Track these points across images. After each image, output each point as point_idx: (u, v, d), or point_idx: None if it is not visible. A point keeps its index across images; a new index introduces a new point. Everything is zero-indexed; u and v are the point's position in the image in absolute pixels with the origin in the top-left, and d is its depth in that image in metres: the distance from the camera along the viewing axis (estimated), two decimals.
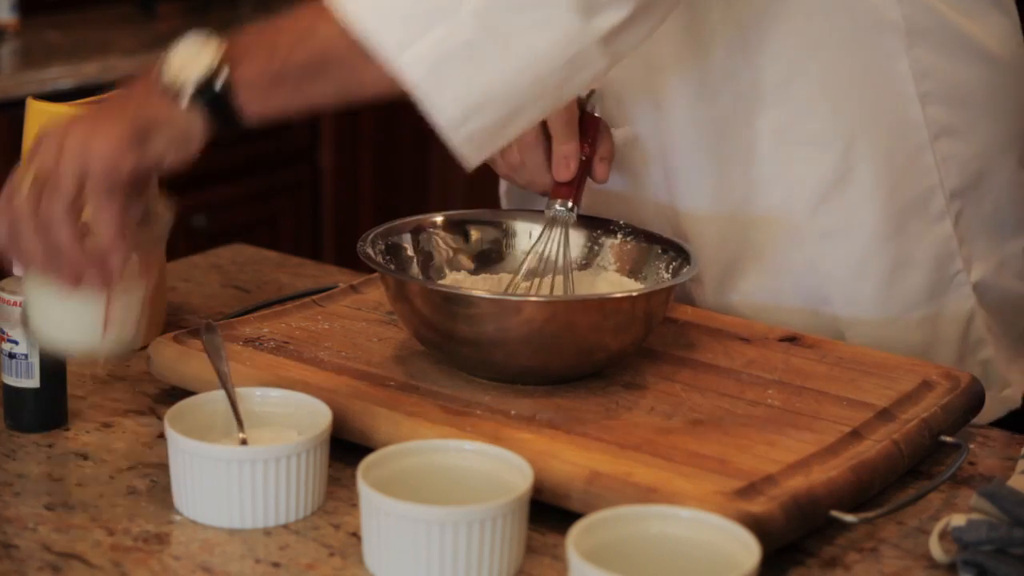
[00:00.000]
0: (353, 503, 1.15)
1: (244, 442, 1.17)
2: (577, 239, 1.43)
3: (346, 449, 1.22)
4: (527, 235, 1.43)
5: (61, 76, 2.87)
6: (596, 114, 1.39)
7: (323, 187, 3.51)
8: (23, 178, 1.12)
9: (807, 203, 1.43)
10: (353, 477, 1.17)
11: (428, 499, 1.06)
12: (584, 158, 1.37)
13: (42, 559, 1.08)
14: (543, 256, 1.38)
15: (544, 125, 1.37)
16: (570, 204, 1.37)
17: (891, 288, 1.45)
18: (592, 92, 1.40)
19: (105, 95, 1.45)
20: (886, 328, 1.46)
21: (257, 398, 1.21)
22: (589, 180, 1.39)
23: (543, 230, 1.38)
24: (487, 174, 1.47)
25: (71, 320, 1.16)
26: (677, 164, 1.46)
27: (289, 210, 3.44)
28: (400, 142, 3.68)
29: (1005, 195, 1.48)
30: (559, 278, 1.37)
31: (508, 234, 1.44)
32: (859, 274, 1.45)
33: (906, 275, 1.45)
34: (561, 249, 1.38)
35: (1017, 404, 1.53)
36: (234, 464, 1.11)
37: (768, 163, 1.43)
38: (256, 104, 1.15)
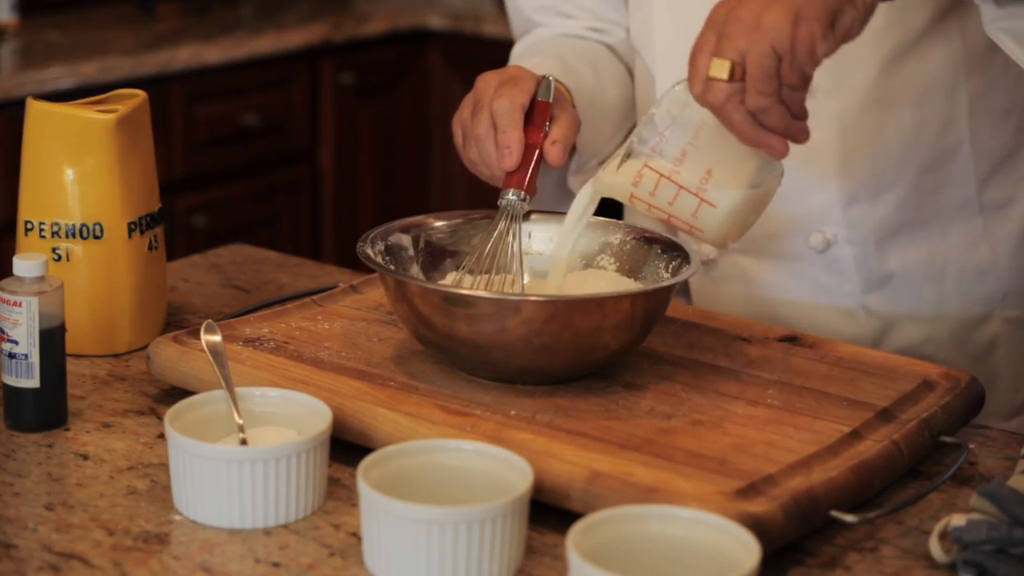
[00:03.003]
0: (353, 503, 1.15)
1: (244, 442, 1.17)
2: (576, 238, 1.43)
3: (346, 449, 1.22)
4: (526, 235, 1.43)
5: (61, 76, 2.87)
6: (549, 100, 1.40)
7: (323, 187, 3.51)
8: (715, 67, 1.17)
9: (984, 173, 1.48)
10: (353, 477, 1.17)
11: (428, 499, 1.06)
12: (534, 145, 1.38)
13: (42, 559, 1.08)
14: (495, 245, 1.38)
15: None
16: (521, 193, 1.38)
17: None
18: (543, 78, 1.42)
19: (105, 96, 1.46)
20: None
21: (257, 398, 1.21)
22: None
23: (496, 219, 1.39)
24: None
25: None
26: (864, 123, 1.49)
27: (289, 210, 3.44)
28: (400, 142, 3.68)
29: None
30: (511, 269, 1.38)
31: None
32: (1021, 246, 1.51)
33: None
34: (514, 238, 1.38)
35: None
36: (234, 464, 1.11)
37: (960, 132, 1.47)
38: None
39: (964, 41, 1.44)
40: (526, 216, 1.41)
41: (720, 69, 1.18)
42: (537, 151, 1.39)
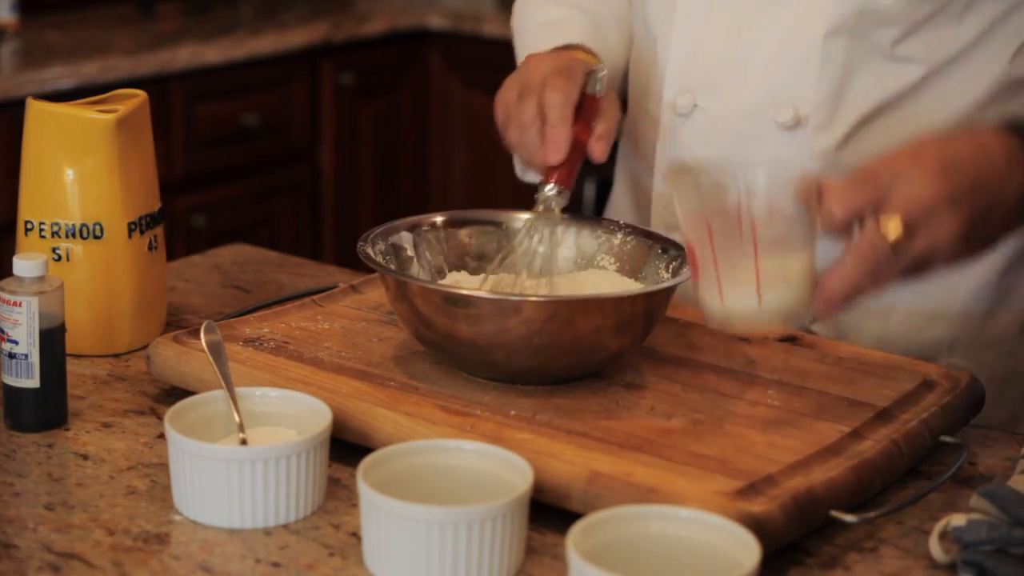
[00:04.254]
0: (353, 503, 1.15)
1: (244, 442, 1.17)
2: (577, 238, 1.43)
3: (346, 449, 1.22)
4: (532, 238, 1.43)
5: (61, 76, 2.87)
6: (598, 95, 1.39)
7: (323, 187, 3.51)
8: (887, 226, 1.13)
9: None
10: (353, 477, 1.17)
11: (428, 499, 1.06)
12: (579, 141, 1.37)
13: (42, 559, 1.08)
14: (531, 240, 1.38)
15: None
16: (560, 187, 1.37)
17: (1006, 278, 1.51)
18: (593, 72, 1.40)
19: (106, 96, 1.46)
20: (994, 319, 1.52)
21: (257, 398, 1.21)
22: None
23: (533, 213, 1.38)
24: (485, 174, 1.47)
25: (728, 287, 1.16)
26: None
27: (289, 210, 3.44)
28: (400, 142, 3.68)
29: None
30: (545, 267, 1.38)
31: (507, 233, 1.44)
32: (974, 296, 1.50)
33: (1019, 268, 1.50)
34: (549, 234, 1.38)
35: None
36: (234, 464, 1.11)
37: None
38: None
39: (958, 97, 1.45)
40: (563, 211, 1.40)
41: (895, 230, 1.14)
42: (581, 146, 1.37)
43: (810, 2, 1.43)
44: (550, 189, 1.37)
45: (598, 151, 1.38)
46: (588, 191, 3.33)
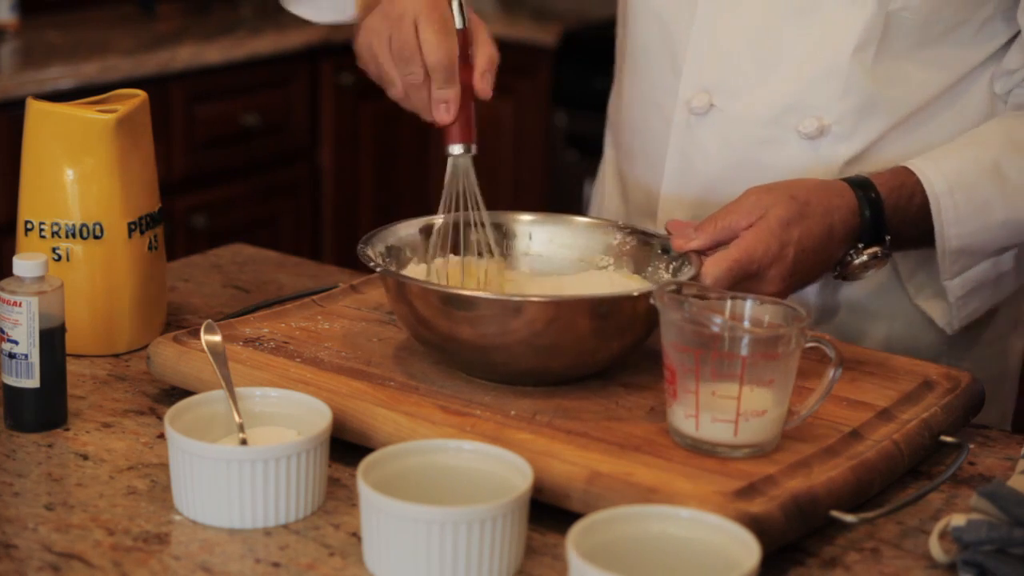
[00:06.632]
0: (353, 503, 1.15)
1: (244, 442, 1.17)
2: (577, 239, 1.43)
3: (346, 449, 1.22)
4: (527, 236, 1.44)
5: (61, 76, 2.87)
6: (464, 26, 1.35)
7: (323, 187, 3.51)
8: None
9: None
10: (353, 477, 1.17)
11: (428, 499, 1.06)
12: (466, 86, 1.35)
13: (42, 559, 1.08)
14: (456, 205, 1.36)
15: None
16: (466, 144, 1.36)
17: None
18: (456, 3, 1.35)
19: (105, 96, 1.46)
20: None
21: (257, 398, 1.21)
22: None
23: (448, 179, 1.36)
24: (485, 174, 1.47)
25: None
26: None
27: (289, 210, 3.44)
28: (400, 142, 3.68)
29: None
30: (483, 232, 1.37)
31: (505, 235, 1.44)
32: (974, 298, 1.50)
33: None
34: (472, 193, 1.36)
35: None
36: (234, 464, 1.11)
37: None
38: None
39: (974, 109, 1.46)
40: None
41: None
42: (468, 89, 1.35)
43: (839, 15, 1.43)
44: (456, 148, 1.36)
45: (484, 89, 1.35)
46: (587, 190, 3.33)
